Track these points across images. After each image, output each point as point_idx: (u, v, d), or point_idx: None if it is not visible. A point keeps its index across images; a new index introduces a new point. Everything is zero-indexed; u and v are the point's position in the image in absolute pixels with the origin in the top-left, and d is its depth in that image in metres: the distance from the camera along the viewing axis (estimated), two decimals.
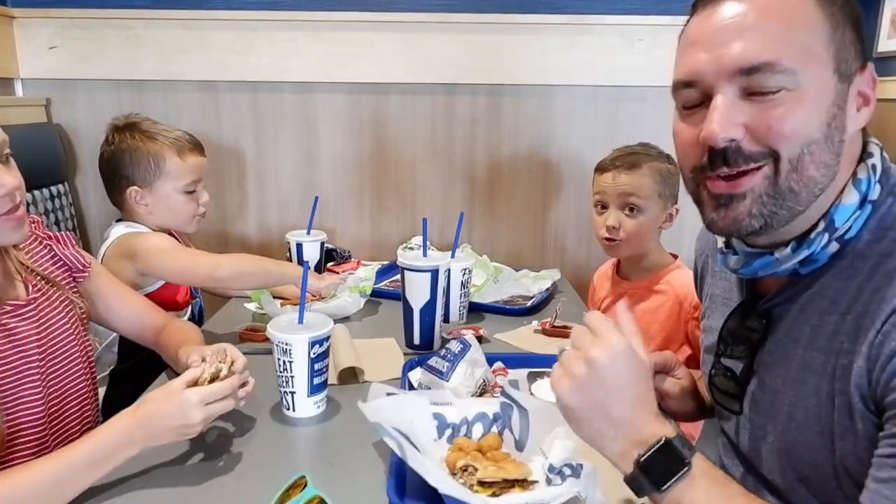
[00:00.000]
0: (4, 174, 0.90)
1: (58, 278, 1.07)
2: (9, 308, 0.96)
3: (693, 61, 0.74)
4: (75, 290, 1.11)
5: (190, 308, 1.52)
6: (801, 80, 0.70)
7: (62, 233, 1.13)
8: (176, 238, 1.51)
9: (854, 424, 0.71)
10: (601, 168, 1.52)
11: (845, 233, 0.74)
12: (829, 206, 0.75)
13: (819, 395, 0.75)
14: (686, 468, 0.68)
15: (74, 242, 1.14)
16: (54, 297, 1.05)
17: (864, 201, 0.74)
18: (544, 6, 1.96)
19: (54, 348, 1.02)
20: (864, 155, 0.77)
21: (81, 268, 1.11)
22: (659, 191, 1.46)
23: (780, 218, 0.74)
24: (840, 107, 0.73)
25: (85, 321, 1.12)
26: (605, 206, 1.51)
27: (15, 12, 1.92)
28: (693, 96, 0.76)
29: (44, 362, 0.99)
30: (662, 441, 0.69)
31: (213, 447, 0.93)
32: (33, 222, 1.08)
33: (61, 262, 1.09)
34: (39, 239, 1.08)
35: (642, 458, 0.69)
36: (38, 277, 1.03)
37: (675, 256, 1.55)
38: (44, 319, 1.01)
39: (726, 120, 0.72)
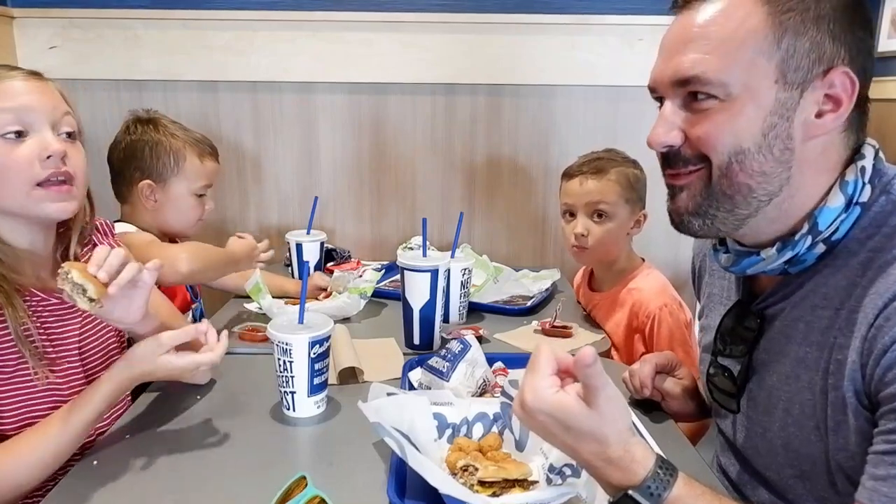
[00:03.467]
0: (54, 140, 0.92)
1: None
2: (54, 301, 0.97)
3: (654, 69, 0.82)
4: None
5: (191, 313, 1.52)
6: (733, 91, 0.73)
7: (102, 221, 1.12)
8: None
9: (847, 419, 0.72)
10: (568, 175, 1.52)
11: (831, 234, 0.76)
12: (812, 208, 0.77)
13: (813, 390, 0.76)
14: None
15: (114, 231, 1.13)
16: None
17: (850, 204, 0.75)
18: (544, 6, 1.96)
19: (94, 345, 1.02)
20: (857, 157, 0.77)
21: None
22: (626, 196, 1.46)
23: (721, 220, 0.78)
24: (783, 116, 0.74)
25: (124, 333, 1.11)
26: (572, 214, 1.50)
27: (15, 12, 1.92)
28: (657, 99, 0.83)
29: (84, 358, 1.00)
30: (622, 494, 0.67)
31: (213, 447, 0.93)
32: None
33: None
34: (87, 234, 1.06)
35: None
36: None
37: (644, 260, 1.56)
38: (86, 316, 1.01)
39: (664, 128, 0.79)
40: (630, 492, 0.66)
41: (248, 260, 1.48)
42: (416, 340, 1.29)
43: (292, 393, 1.00)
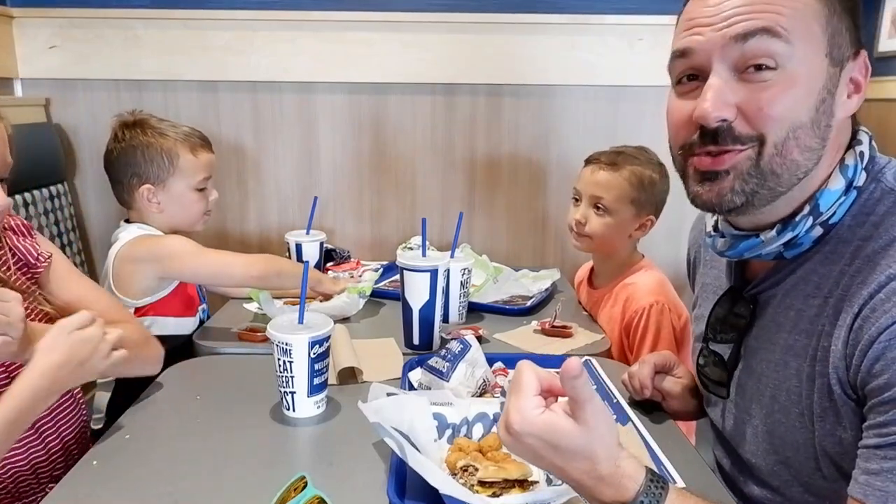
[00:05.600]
0: (2, 195, 0.92)
1: (17, 282, 1.02)
2: None
3: (692, 32, 0.75)
4: (37, 291, 1.06)
5: (198, 314, 1.52)
6: (796, 54, 0.71)
7: (21, 220, 1.08)
8: None
9: (834, 406, 0.73)
10: (587, 160, 1.52)
11: (829, 217, 0.76)
12: (814, 190, 0.77)
13: (800, 376, 0.77)
14: None
15: (32, 232, 1.09)
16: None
17: (849, 187, 0.76)
18: (544, 6, 1.96)
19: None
20: (854, 142, 0.78)
21: (37, 260, 1.05)
22: (633, 196, 1.44)
23: (762, 197, 0.75)
24: (830, 91, 0.73)
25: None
26: (579, 200, 1.51)
27: (14, 12, 1.92)
28: (688, 70, 0.76)
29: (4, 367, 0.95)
30: None
31: (213, 447, 0.93)
32: None
33: (17, 258, 1.04)
34: None
35: None
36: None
37: (644, 257, 1.56)
38: None
39: (719, 99, 0.72)
40: None
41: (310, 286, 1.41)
42: (416, 340, 1.29)
43: (292, 393, 1.00)
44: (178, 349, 1.25)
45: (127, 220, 1.48)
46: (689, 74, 0.77)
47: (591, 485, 0.66)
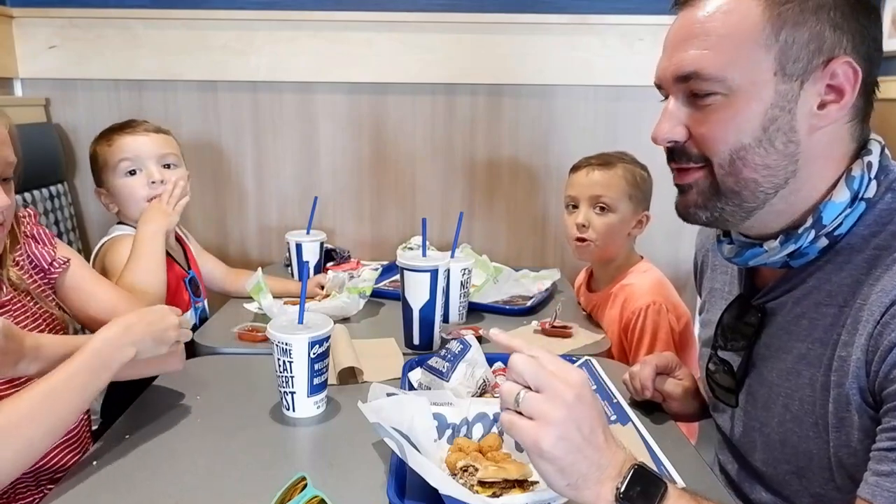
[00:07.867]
0: (3, 196, 0.93)
1: (33, 285, 1.05)
2: None
3: (658, 66, 0.82)
4: (51, 295, 1.08)
5: (196, 313, 1.51)
6: (733, 85, 0.74)
7: (43, 230, 1.11)
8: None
9: (850, 416, 0.72)
10: (575, 167, 1.54)
11: (835, 229, 0.76)
12: (816, 202, 0.77)
13: (814, 386, 0.76)
14: (664, 487, 0.65)
15: (53, 241, 1.12)
16: (30, 304, 1.03)
17: (855, 198, 0.75)
18: (544, 6, 1.96)
19: None
20: (864, 152, 0.77)
21: (52, 265, 1.08)
22: (630, 192, 1.46)
23: (731, 212, 0.79)
24: (784, 108, 0.74)
25: (60, 330, 1.08)
26: (575, 206, 1.51)
27: (14, 12, 1.91)
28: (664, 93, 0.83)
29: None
30: (636, 467, 0.65)
31: (213, 447, 0.93)
32: (24, 216, 1.08)
33: (34, 263, 1.07)
34: (20, 239, 1.06)
35: (622, 491, 0.63)
36: (12, 285, 1.01)
37: (642, 258, 1.56)
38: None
39: (668, 124, 0.80)
40: (640, 462, 0.65)
41: (166, 216, 1.38)
42: (416, 340, 1.29)
43: (292, 393, 1.00)
44: None
45: (120, 223, 1.51)
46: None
47: (609, 441, 0.66)
